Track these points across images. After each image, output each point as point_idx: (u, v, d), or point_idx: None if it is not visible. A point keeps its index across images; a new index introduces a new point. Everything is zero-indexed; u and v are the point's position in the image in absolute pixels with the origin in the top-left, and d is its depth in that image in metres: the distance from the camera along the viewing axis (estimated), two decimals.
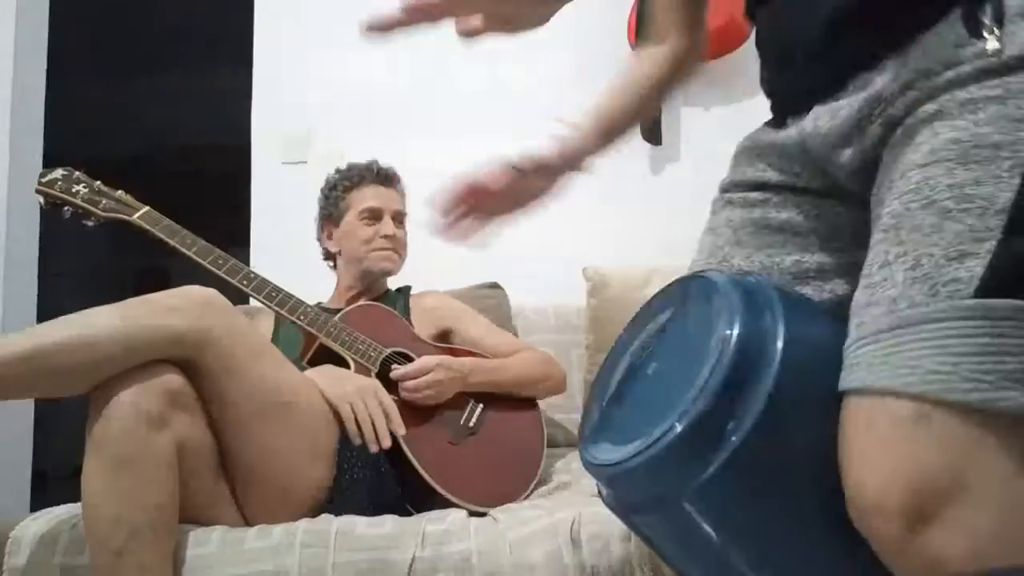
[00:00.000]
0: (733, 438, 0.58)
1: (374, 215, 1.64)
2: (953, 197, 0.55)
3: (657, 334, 0.72)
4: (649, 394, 0.68)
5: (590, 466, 0.68)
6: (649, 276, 1.83)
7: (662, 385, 0.67)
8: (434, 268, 1.85)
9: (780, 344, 0.60)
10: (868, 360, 0.57)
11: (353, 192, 1.65)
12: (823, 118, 0.69)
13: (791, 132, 0.74)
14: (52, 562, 1.10)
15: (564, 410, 1.81)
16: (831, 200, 0.73)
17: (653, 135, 2.14)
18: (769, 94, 0.82)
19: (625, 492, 0.67)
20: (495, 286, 1.97)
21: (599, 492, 0.71)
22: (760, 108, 0.91)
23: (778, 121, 0.79)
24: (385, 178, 1.67)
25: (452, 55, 2.29)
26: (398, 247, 1.65)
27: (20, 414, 2.31)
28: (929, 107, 0.59)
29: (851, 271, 0.68)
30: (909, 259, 0.56)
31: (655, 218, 2.09)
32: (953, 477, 0.52)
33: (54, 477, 3.50)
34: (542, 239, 2.16)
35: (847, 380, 0.58)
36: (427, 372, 1.37)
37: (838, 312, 0.66)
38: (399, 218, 1.67)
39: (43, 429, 2.43)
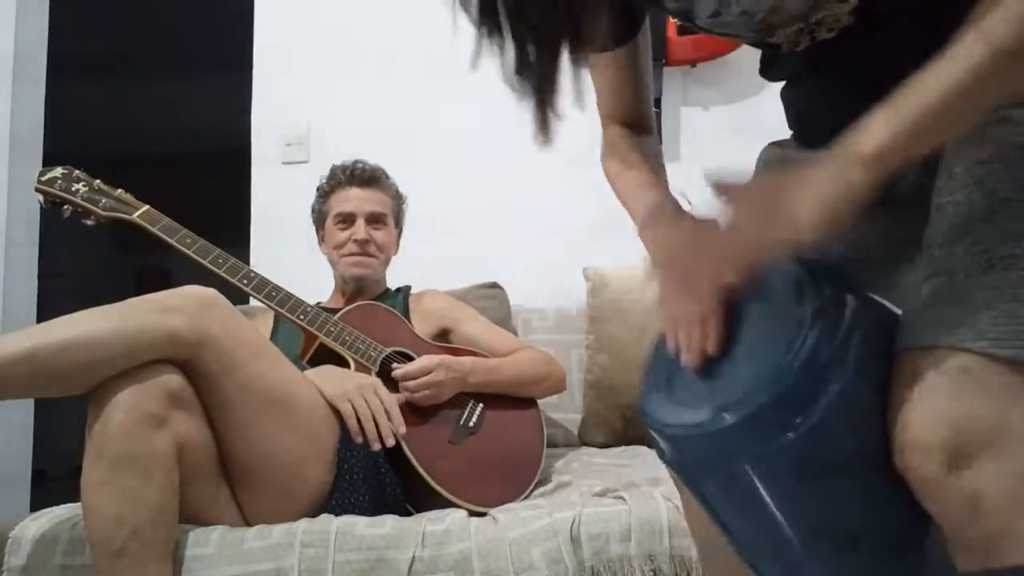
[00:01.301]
0: (816, 407, 0.59)
1: (347, 219, 1.63)
2: (1013, 189, 0.62)
3: (722, 305, 0.72)
4: (718, 362, 0.68)
5: (659, 426, 0.67)
6: (649, 276, 1.83)
7: (733, 353, 0.67)
8: (434, 268, 1.85)
9: (859, 319, 0.63)
10: (924, 321, 0.62)
11: (331, 196, 1.66)
12: None
13: None
14: (52, 562, 1.11)
15: (564, 410, 1.81)
16: (879, 206, 0.76)
17: None
18: (815, 131, 0.83)
19: (694, 453, 0.67)
20: (495, 286, 1.97)
21: (658, 451, 0.71)
22: (758, 108, 0.91)
23: (819, 146, 0.80)
24: (362, 180, 1.65)
25: (451, 54, 2.29)
26: (372, 250, 1.62)
27: (20, 414, 2.31)
28: (998, 113, 0.65)
29: (890, 265, 0.75)
30: (969, 239, 0.62)
31: None
32: (994, 423, 0.56)
33: (54, 477, 3.50)
34: (542, 239, 2.17)
35: (903, 340, 0.63)
36: (428, 372, 1.37)
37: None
38: (379, 219, 1.64)
39: (43, 429, 2.43)
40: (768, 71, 0.85)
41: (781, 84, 0.87)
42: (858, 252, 0.78)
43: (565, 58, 0.71)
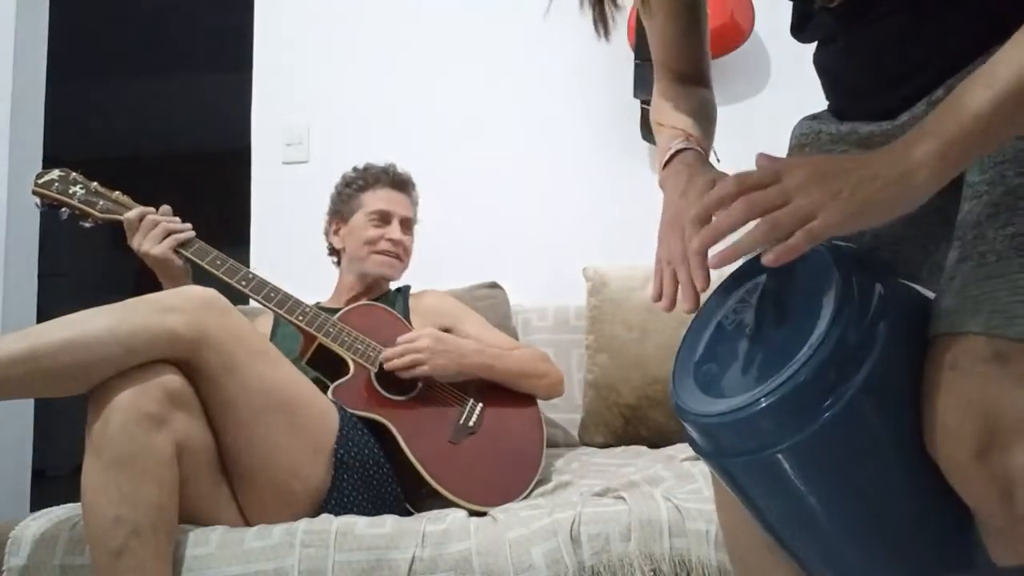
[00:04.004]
0: (845, 392, 0.60)
1: (383, 218, 1.64)
2: None
3: (751, 296, 0.73)
4: (747, 352, 0.69)
5: (692, 416, 0.68)
6: (649, 276, 1.82)
7: (762, 343, 0.68)
8: (434, 268, 1.85)
9: (887, 305, 0.63)
10: (956, 307, 0.61)
11: (367, 192, 1.66)
12: (920, 106, 0.72)
13: (873, 128, 0.76)
14: (52, 562, 1.10)
15: (564, 410, 1.81)
16: None
17: (653, 135, 2.13)
18: (847, 96, 0.82)
19: (728, 442, 0.67)
20: (495, 286, 1.97)
21: (691, 443, 0.72)
22: (758, 108, 0.91)
23: (853, 116, 0.80)
24: (399, 183, 1.69)
25: (451, 54, 2.29)
26: (401, 253, 1.66)
27: (20, 414, 2.31)
28: None
29: (923, 245, 0.73)
30: (1001, 219, 0.61)
31: (655, 218, 2.08)
32: None
33: (54, 477, 3.50)
34: (542, 239, 2.17)
35: (936, 326, 0.62)
36: (413, 340, 1.39)
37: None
38: (407, 224, 1.68)
39: (43, 429, 2.43)
40: (800, 32, 0.83)
41: (780, 87, 0.86)
42: (894, 230, 0.77)
43: None
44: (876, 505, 0.65)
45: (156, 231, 1.32)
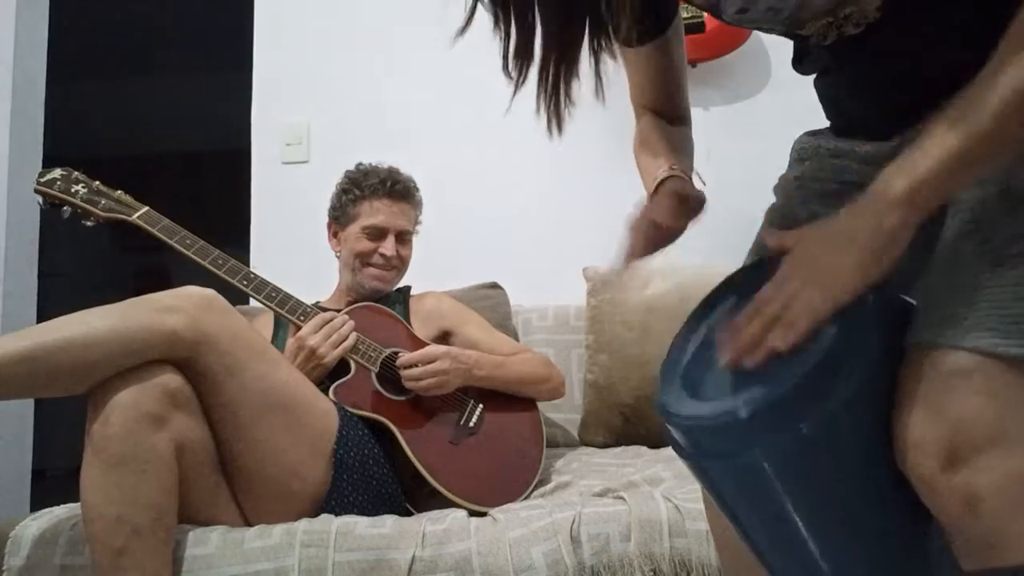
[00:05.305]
0: (829, 402, 0.60)
1: (378, 233, 1.60)
2: None
3: (742, 303, 0.73)
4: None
5: (675, 418, 0.69)
6: (649, 276, 1.83)
7: None
8: (434, 268, 1.85)
9: (878, 318, 0.63)
10: (930, 318, 0.61)
11: (363, 203, 1.61)
12: (909, 133, 0.72)
13: (870, 148, 0.77)
14: (52, 562, 1.11)
15: (564, 410, 1.81)
16: None
17: None
18: (846, 120, 0.83)
19: (709, 446, 0.68)
20: (495, 286, 1.97)
21: (672, 444, 0.72)
22: (758, 108, 0.91)
23: (851, 134, 0.81)
24: (398, 193, 1.62)
25: (452, 54, 2.29)
26: (396, 264, 1.62)
27: (20, 414, 2.31)
28: None
29: (919, 256, 0.73)
30: (980, 236, 0.62)
31: None
32: (991, 424, 0.56)
33: (54, 477, 3.50)
34: (542, 239, 2.17)
35: (912, 335, 0.63)
36: (434, 359, 1.37)
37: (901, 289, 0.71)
38: (403, 237, 1.64)
39: (43, 429, 2.43)
40: (798, 64, 0.85)
41: (780, 87, 0.87)
42: None
43: (583, 47, 0.70)
44: (850, 512, 0.65)
45: (334, 338, 1.37)
